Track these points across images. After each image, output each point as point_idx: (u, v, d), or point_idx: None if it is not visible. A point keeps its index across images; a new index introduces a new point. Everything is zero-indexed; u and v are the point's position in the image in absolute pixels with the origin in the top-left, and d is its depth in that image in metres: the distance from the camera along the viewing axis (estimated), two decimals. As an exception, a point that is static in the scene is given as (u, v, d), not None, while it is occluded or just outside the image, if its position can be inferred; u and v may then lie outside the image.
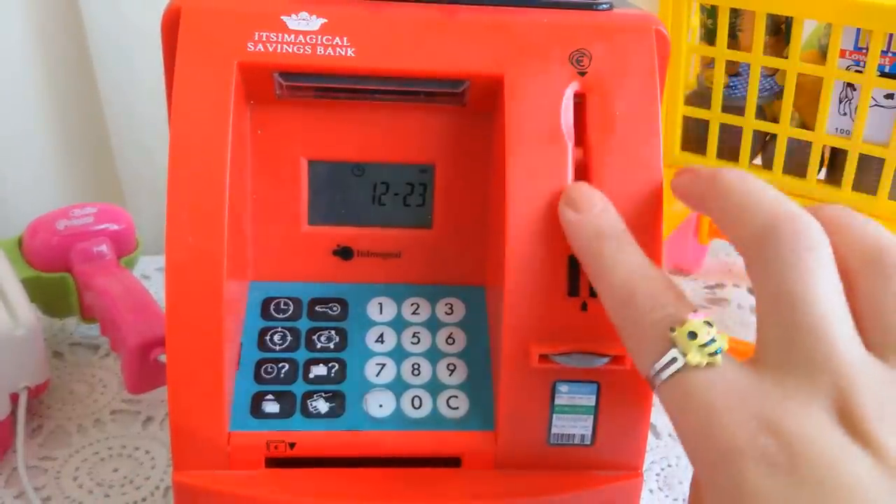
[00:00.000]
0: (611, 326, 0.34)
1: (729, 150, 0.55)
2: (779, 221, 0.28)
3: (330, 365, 0.37)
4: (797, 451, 0.25)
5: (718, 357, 0.28)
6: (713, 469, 0.27)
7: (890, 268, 0.28)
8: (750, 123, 0.53)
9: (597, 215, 0.32)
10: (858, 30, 0.48)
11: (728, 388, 0.27)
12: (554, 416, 0.35)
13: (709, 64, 0.55)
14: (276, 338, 0.37)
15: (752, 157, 0.56)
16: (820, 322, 0.27)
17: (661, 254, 0.34)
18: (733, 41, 0.53)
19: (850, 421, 0.26)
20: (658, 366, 0.28)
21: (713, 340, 0.28)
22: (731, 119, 0.54)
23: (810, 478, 0.25)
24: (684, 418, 0.28)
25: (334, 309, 0.38)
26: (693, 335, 0.28)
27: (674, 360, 0.28)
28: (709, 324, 0.28)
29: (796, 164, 0.54)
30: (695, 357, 0.27)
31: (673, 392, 0.28)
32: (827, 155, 0.55)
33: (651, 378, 0.29)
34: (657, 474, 0.50)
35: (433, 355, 0.37)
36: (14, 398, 0.48)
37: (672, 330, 0.28)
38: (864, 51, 0.48)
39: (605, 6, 0.37)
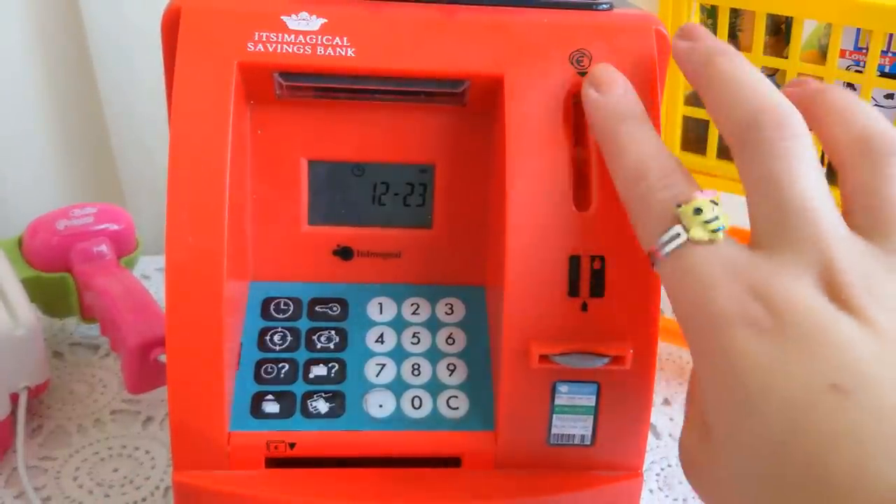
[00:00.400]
0: (611, 327, 0.34)
1: (729, 150, 0.55)
2: (761, 112, 0.29)
3: (330, 365, 0.37)
4: (784, 315, 0.26)
5: (720, 234, 0.28)
6: (703, 336, 0.27)
7: (877, 153, 0.29)
8: (750, 123, 0.53)
9: (618, 96, 0.33)
10: (858, 30, 0.48)
11: (725, 262, 0.28)
12: (554, 416, 0.35)
13: (709, 64, 0.55)
14: (276, 338, 0.37)
15: (752, 157, 0.56)
16: (804, 203, 0.27)
17: None
18: (733, 41, 0.53)
19: (835, 291, 0.26)
20: (662, 240, 0.29)
21: (716, 218, 0.28)
22: (731, 119, 0.54)
23: (797, 338, 0.25)
24: (682, 292, 0.28)
25: (334, 309, 0.38)
26: (698, 211, 0.28)
27: (677, 234, 0.28)
28: (714, 203, 0.29)
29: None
30: (697, 232, 0.28)
31: (673, 266, 0.29)
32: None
33: (653, 252, 0.29)
34: (657, 474, 0.50)
35: (433, 355, 0.37)
36: (14, 398, 0.48)
37: (678, 206, 0.29)
38: (864, 51, 0.48)
39: (605, 6, 0.37)
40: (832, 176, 0.30)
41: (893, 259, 0.27)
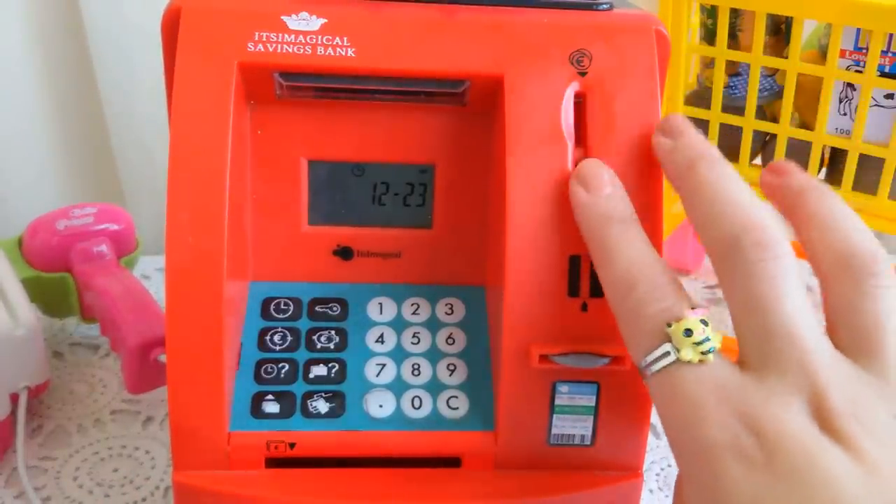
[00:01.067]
0: (611, 327, 0.34)
1: (729, 150, 0.55)
2: (743, 231, 0.29)
3: (330, 365, 0.37)
4: (774, 448, 0.26)
5: (710, 355, 0.28)
6: (694, 461, 0.27)
7: (858, 271, 0.29)
8: (750, 123, 0.53)
9: (606, 197, 0.33)
10: (858, 30, 0.48)
11: (715, 385, 0.28)
12: (554, 416, 0.35)
13: (709, 64, 0.55)
14: (276, 338, 0.37)
15: (752, 157, 0.56)
16: (789, 326, 0.27)
17: (661, 253, 0.34)
18: (733, 41, 0.53)
19: (824, 419, 0.26)
20: (650, 358, 0.29)
21: (707, 339, 0.28)
22: (731, 119, 0.54)
23: (786, 473, 0.25)
24: (671, 411, 0.28)
25: (334, 309, 0.38)
26: (688, 332, 0.28)
27: (667, 353, 0.28)
28: (704, 322, 0.29)
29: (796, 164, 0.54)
30: (687, 354, 0.28)
31: (662, 384, 0.29)
32: (827, 155, 0.55)
33: (642, 369, 0.29)
34: (657, 474, 0.50)
35: (433, 355, 0.37)
36: (14, 398, 0.48)
37: (668, 325, 0.29)
38: (864, 51, 0.48)
39: (605, 6, 0.37)
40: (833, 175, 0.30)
41: (879, 383, 0.27)
